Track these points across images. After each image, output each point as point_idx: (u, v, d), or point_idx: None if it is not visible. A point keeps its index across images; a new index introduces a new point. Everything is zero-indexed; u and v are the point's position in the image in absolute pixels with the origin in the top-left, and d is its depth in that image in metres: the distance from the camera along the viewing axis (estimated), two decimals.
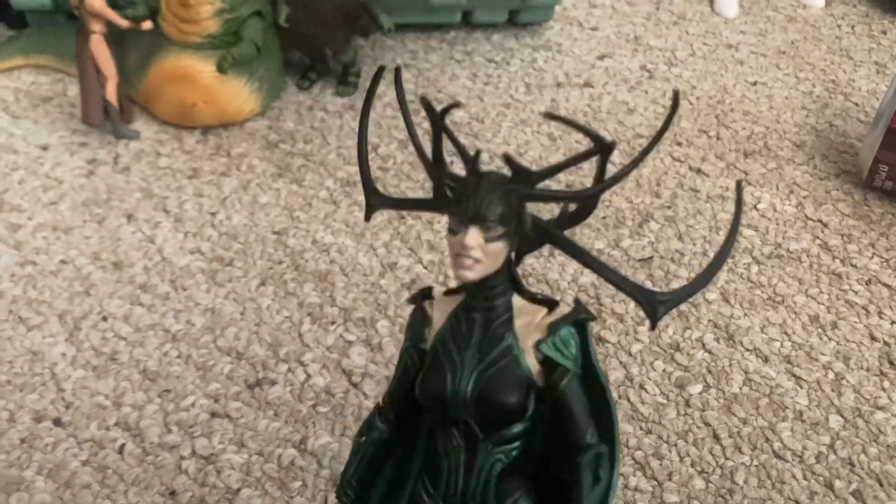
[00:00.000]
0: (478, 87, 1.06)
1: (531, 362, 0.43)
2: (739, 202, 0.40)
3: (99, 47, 0.90)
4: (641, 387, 0.74)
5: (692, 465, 0.68)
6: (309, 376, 0.73)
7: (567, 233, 0.43)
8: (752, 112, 1.04)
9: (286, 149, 0.96)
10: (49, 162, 0.93)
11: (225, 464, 0.67)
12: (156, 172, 0.92)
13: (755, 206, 0.91)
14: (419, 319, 0.46)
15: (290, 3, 0.97)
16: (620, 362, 0.75)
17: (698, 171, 0.96)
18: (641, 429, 0.71)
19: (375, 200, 0.46)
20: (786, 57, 1.14)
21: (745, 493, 0.67)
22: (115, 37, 0.92)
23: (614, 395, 0.72)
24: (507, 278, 0.43)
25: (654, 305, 0.40)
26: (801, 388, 0.74)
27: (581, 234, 0.87)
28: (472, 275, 0.41)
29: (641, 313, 0.79)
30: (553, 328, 0.43)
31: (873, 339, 0.78)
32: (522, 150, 0.97)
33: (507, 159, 0.41)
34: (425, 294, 0.46)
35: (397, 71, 0.45)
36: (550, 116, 0.42)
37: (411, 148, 0.96)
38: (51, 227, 0.85)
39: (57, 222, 0.86)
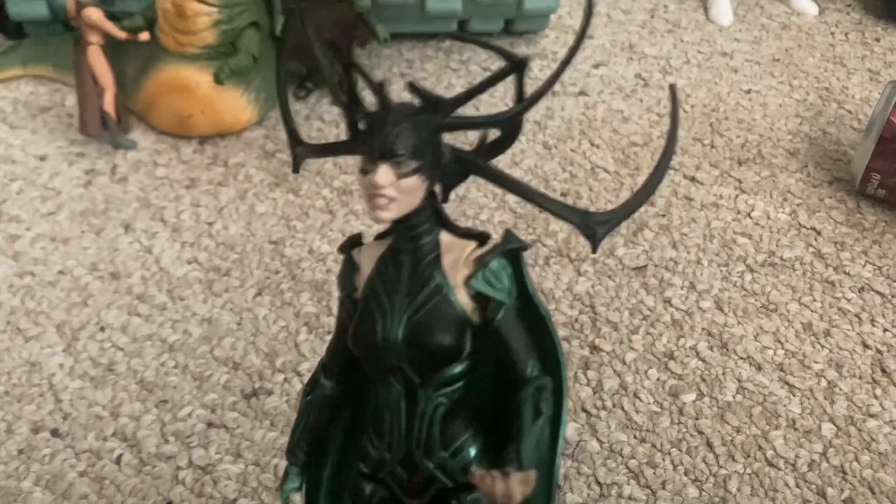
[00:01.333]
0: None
1: (463, 299, 0.42)
2: (675, 106, 0.39)
3: (96, 58, 0.91)
4: (636, 395, 0.74)
5: (686, 473, 0.69)
6: None
7: (561, 243, 0.43)
8: (747, 120, 1.05)
9: (283, 158, 0.96)
10: (47, 172, 0.93)
11: (221, 474, 0.67)
12: (153, 182, 0.93)
13: (749, 214, 0.92)
14: (348, 268, 0.44)
15: (286, 13, 0.98)
16: (615, 371, 0.76)
17: (692, 179, 0.96)
18: (635, 437, 0.71)
19: (300, 151, 0.45)
20: (780, 65, 1.15)
21: (739, 501, 0.67)
22: (113, 48, 0.93)
23: (608, 403, 0.73)
24: (432, 215, 0.42)
25: (593, 227, 0.39)
26: (794, 396, 0.75)
27: (576, 244, 0.87)
28: (388, 214, 0.39)
29: (636, 322, 0.79)
30: (482, 261, 0.41)
31: (866, 346, 0.79)
32: (518, 158, 0.97)
33: (413, 87, 0.39)
34: (355, 241, 0.45)
35: (301, 12, 0.45)
36: (454, 37, 0.42)
37: None
38: (49, 238, 0.86)
39: (55, 233, 0.87)
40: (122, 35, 0.91)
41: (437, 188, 0.42)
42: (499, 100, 1.02)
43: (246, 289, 0.82)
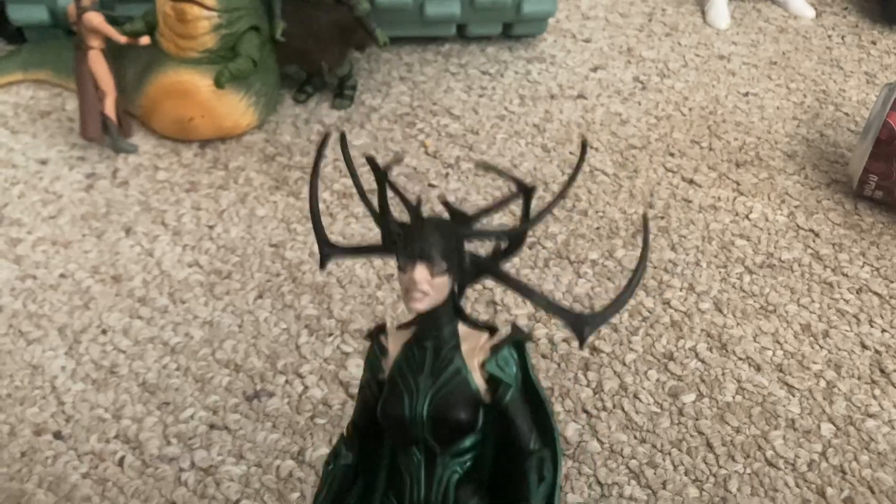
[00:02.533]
0: (472, 100, 1.07)
1: (478, 381, 0.48)
2: (646, 236, 0.45)
3: (97, 62, 0.91)
4: (635, 396, 0.74)
5: (686, 473, 0.69)
6: (307, 388, 0.74)
7: (560, 245, 0.46)
8: (744, 122, 1.05)
9: (283, 162, 0.97)
10: (48, 176, 0.94)
11: (224, 476, 0.67)
12: (154, 186, 0.93)
13: (747, 216, 0.92)
14: (376, 352, 0.51)
15: (287, 17, 0.98)
16: (615, 372, 0.76)
17: (691, 181, 0.97)
18: (636, 438, 0.71)
19: (329, 250, 0.50)
20: (777, 67, 1.15)
21: (739, 501, 0.67)
22: (114, 52, 0.93)
23: (609, 404, 0.73)
24: (452, 308, 0.48)
25: (580, 326, 0.45)
26: (794, 396, 0.75)
27: (575, 246, 0.88)
28: (422, 306, 0.46)
29: (635, 323, 0.80)
30: (495, 349, 0.48)
31: (864, 347, 0.79)
32: (517, 161, 0.98)
33: (446, 204, 0.46)
34: (381, 329, 0.51)
35: (343, 138, 0.51)
36: (484, 167, 0.49)
37: (406, 160, 0.97)
38: (50, 241, 0.86)
39: (56, 236, 0.87)
40: (122, 39, 0.91)
41: (456, 286, 0.48)
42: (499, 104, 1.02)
43: (247, 291, 0.82)
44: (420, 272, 0.45)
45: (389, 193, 0.47)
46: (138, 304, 0.81)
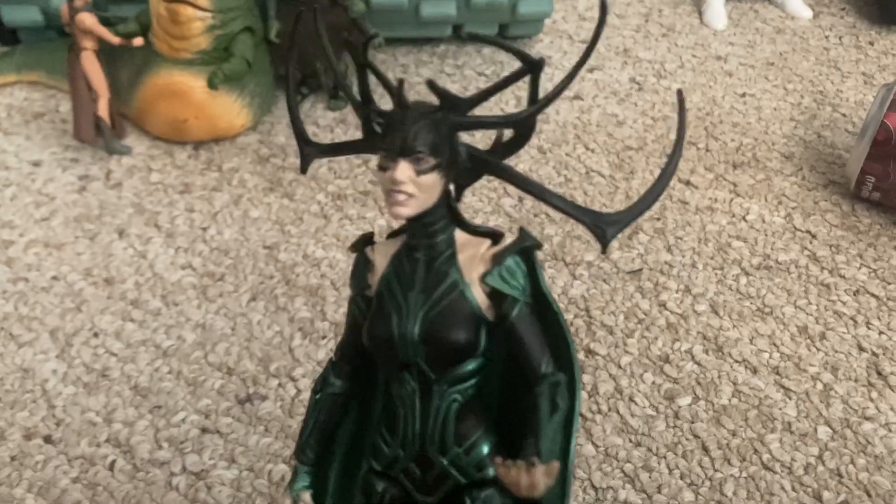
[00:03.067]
0: None
1: (478, 296, 0.42)
2: (682, 111, 0.40)
3: (90, 64, 0.91)
4: (631, 399, 0.74)
5: (681, 477, 0.69)
6: (300, 391, 0.73)
7: (556, 246, 0.43)
8: (741, 123, 1.05)
9: (277, 163, 0.96)
10: (41, 178, 0.93)
11: (215, 480, 0.67)
12: (147, 188, 0.92)
13: (744, 218, 0.92)
14: (362, 266, 0.45)
15: (281, 18, 0.98)
16: (610, 374, 0.76)
17: (687, 182, 0.96)
18: (631, 441, 0.71)
19: (309, 150, 0.45)
20: (774, 68, 1.15)
21: None
22: (107, 53, 0.93)
23: (604, 407, 0.73)
24: (447, 212, 0.42)
25: (603, 227, 0.40)
26: (790, 399, 0.74)
27: (571, 247, 0.87)
28: (407, 210, 0.40)
29: (631, 325, 0.79)
30: (497, 259, 0.42)
31: (861, 349, 0.79)
32: (512, 162, 0.97)
33: (432, 86, 0.40)
34: (367, 240, 0.45)
35: (314, 15, 0.45)
36: (472, 36, 0.42)
37: None
38: (42, 244, 0.86)
39: (49, 238, 0.86)
40: (116, 40, 0.91)
41: (452, 186, 0.42)
42: (504, 102, 1.02)
43: (240, 294, 0.81)
44: (403, 169, 0.39)
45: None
46: (131, 306, 0.80)
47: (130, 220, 0.89)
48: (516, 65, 0.42)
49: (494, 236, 0.44)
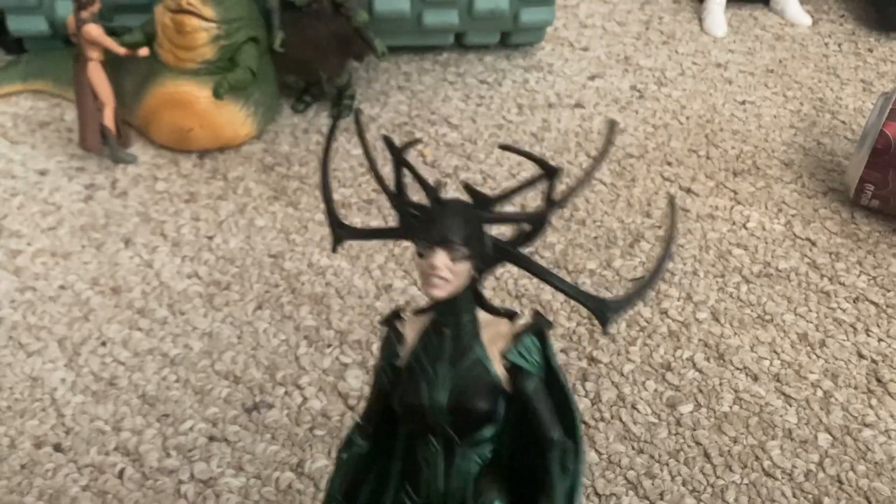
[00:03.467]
0: (470, 109, 1.07)
1: (499, 370, 0.47)
2: (674, 218, 0.46)
3: (96, 74, 0.92)
4: (633, 406, 0.75)
5: (683, 483, 0.70)
6: (306, 399, 0.74)
7: (558, 254, 0.46)
8: (741, 131, 1.06)
9: (282, 172, 0.97)
10: (47, 187, 0.94)
11: (223, 488, 0.68)
12: (153, 197, 0.93)
13: (744, 225, 0.93)
14: (392, 338, 0.49)
15: (285, 28, 0.99)
16: (612, 382, 0.77)
17: (688, 190, 0.97)
18: (633, 448, 0.72)
19: (341, 232, 0.49)
20: (774, 75, 1.16)
21: None
22: (113, 62, 0.93)
23: (607, 414, 0.74)
24: (472, 294, 0.47)
25: (604, 311, 0.45)
26: (791, 406, 0.75)
27: (573, 255, 0.88)
28: (441, 293, 0.45)
29: (633, 333, 0.80)
30: (517, 337, 0.47)
31: (861, 356, 0.80)
32: (515, 170, 0.98)
33: (467, 188, 0.45)
34: (397, 315, 0.50)
35: (357, 114, 0.50)
36: (505, 147, 0.48)
37: (404, 169, 0.97)
38: (49, 253, 0.87)
39: (55, 248, 0.87)
40: (121, 51, 0.92)
41: (476, 271, 0.47)
42: (495, 111, 1.03)
43: (246, 302, 0.82)
44: (440, 258, 0.43)
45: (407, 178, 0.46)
46: (137, 315, 0.81)
47: (136, 229, 0.89)
48: (517, 71, 0.46)
49: (510, 315, 0.49)
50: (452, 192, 0.95)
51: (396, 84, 1.11)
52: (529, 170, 0.99)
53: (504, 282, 0.85)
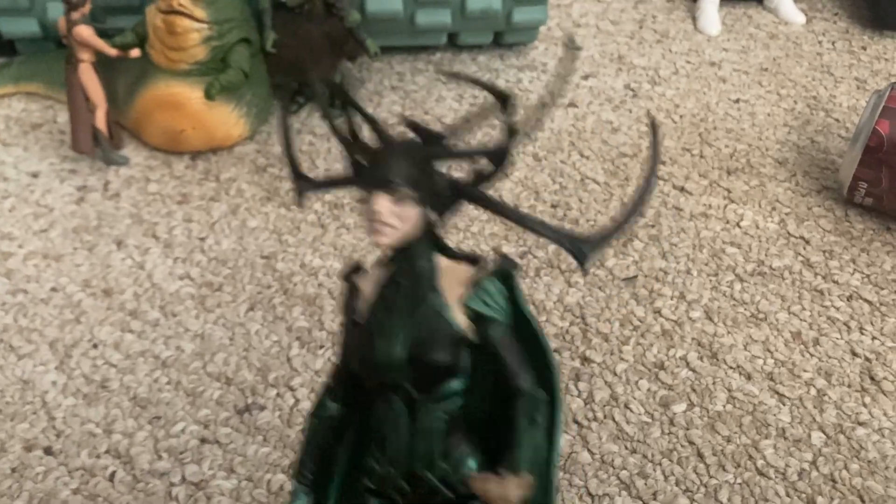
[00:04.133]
0: (464, 109, 1.07)
1: (460, 319, 0.44)
2: (655, 144, 0.43)
3: (88, 75, 0.92)
4: (626, 406, 0.75)
5: (677, 483, 0.69)
6: (298, 401, 0.74)
7: (552, 253, 0.45)
8: (735, 129, 1.06)
9: (275, 173, 0.97)
10: (39, 189, 0.94)
11: (215, 490, 0.67)
12: (145, 198, 0.93)
13: (738, 224, 0.93)
14: (350, 293, 0.47)
15: (278, 28, 0.98)
16: (605, 382, 0.76)
17: (682, 189, 0.97)
18: (626, 448, 0.72)
19: (303, 185, 0.47)
20: (768, 74, 1.15)
21: None
22: (104, 64, 0.93)
23: (599, 414, 0.73)
24: (428, 240, 0.44)
25: (581, 248, 0.43)
26: (784, 405, 0.75)
27: (566, 254, 0.88)
28: (387, 240, 0.42)
29: (626, 332, 0.80)
30: (477, 283, 0.44)
31: (854, 355, 0.80)
32: (508, 169, 0.98)
33: (411, 125, 0.42)
34: (355, 268, 0.47)
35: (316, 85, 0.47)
36: (448, 75, 0.45)
37: None
38: (41, 255, 0.86)
39: (47, 250, 0.87)
40: (112, 52, 0.92)
41: (434, 214, 0.44)
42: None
43: (238, 304, 0.82)
44: (382, 202, 0.41)
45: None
46: (129, 317, 0.81)
47: (128, 231, 0.89)
48: (511, 70, 0.44)
49: (474, 261, 0.46)
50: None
51: (390, 84, 1.11)
52: (523, 169, 0.99)
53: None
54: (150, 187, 0.94)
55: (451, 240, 0.87)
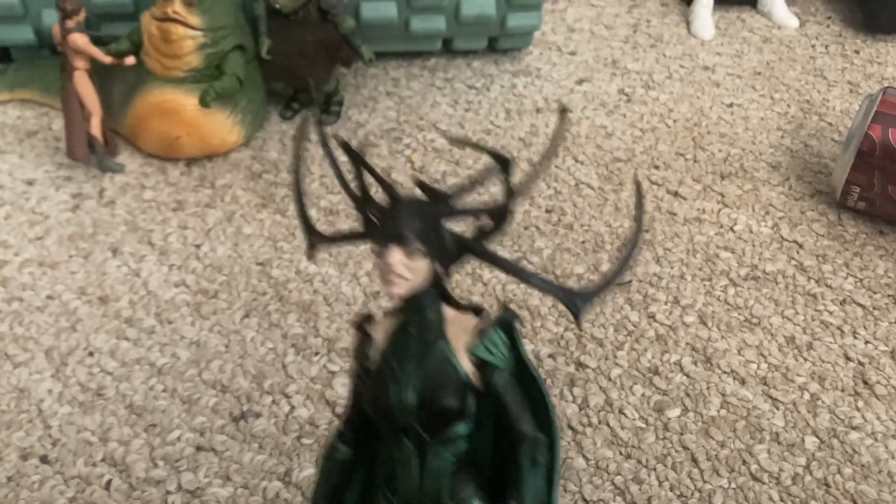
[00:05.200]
0: (459, 114, 1.07)
1: (466, 366, 0.47)
2: (640, 202, 0.46)
3: (83, 83, 0.92)
4: (621, 411, 0.75)
5: (671, 489, 0.70)
6: (293, 408, 0.74)
7: (546, 259, 0.46)
8: (729, 134, 1.06)
9: (270, 179, 0.97)
10: (35, 197, 0.94)
11: (210, 497, 0.68)
12: (141, 205, 0.93)
13: (732, 228, 0.93)
14: (363, 342, 0.50)
15: (273, 35, 0.99)
16: (600, 387, 0.77)
17: (675, 193, 0.97)
18: (621, 454, 0.72)
19: (315, 239, 0.50)
20: (761, 78, 1.16)
21: None
22: (99, 71, 0.93)
23: (594, 419, 0.74)
24: (436, 291, 0.47)
25: (574, 303, 0.45)
26: (778, 409, 0.75)
27: (561, 260, 0.88)
28: (400, 291, 0.45)
29: (620, 338, 0.80)
30: (482, 332, 0.47)
31: (848, 359, 0.80)
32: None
33: (420, 185, 0.45)
34: (367, 318, 0.50)
35: (319, 123, 0.51)
36: (453, 141, 0.49)
37: (393, 175, 0.97)
38: (37, 263, 0.86)
39: (43, 257, 0.87)
40: (107, 60, 0.92)
41: (440, 267, 0.47)
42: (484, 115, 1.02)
43: (233, 311, 0.82)
44: (395, 255, 0.44)
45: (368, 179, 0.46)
46: (125, 325, 0.81)
47: (124, 238, 0.89)
48: (505, 76, 0.45)
49: (477, 311, 0.49)
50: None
51: (384, 90, 1.11)
52: (518, 175, 0.99)
53: (492, 287, 0.85)
54: (145, 194, 0.94)
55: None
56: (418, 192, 0.46)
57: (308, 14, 0.98)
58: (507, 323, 0.48)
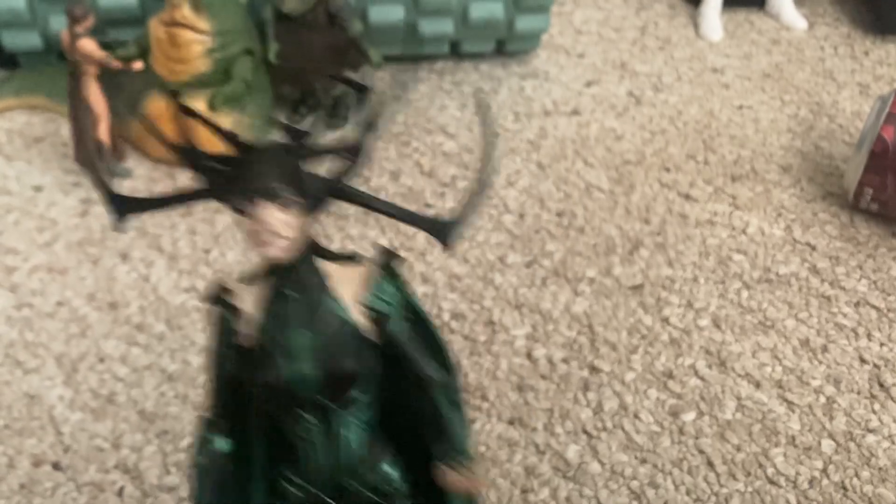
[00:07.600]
0: (467, 118, 1.07)
1: (359, 318, 0.43)
2: (484, 114, 0.43)
3: (90, 88, 0.91)
4: (636, 416, 0.74)
5: (687, 493, 0.69)
6: None
7: (557, 263, 0.45)
8: (739, 136, 1.06)
9: None
10: (43, 202, 0.93)
11: None
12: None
13: (744, 231, 0.92)
14: (226, 316, 0.44)
15: (280, 39, 0.98)
16: (614, 391, 0.76)
17: (687, 196, 0.97)
18: (636, 458, 0.71)
19: (122, 205, 0.42)
20: (770, 80, 1.15)
21: None
22: (107, 76, 0.93)
23: (609, 424, 0.73)
24: (307, 244, 0.42)
25: (443, 232, 0.42)
26: (793, 412, 0.75)
27: (572, 263, 0.87)
28: (279, 252, 0.39)
29: (634, 341, 0.80)
30: (371, 281, 0.43)
31: (863, 361, 0.79)
32: (513, 178, 0.98)
33: (276, 122, 0.41)
34: (222, 289, 0.44)
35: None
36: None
37: (402, 179, 0.97)
38: (46, 269, 0.86)
39: (52, 263, 0.87)
40: (115, 65, 0.91)
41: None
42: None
43: None
44: (271, 212, 0.38)
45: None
46: (135, 330, 0.80)
47: (133, 244, 0.89)
48: (513, 79, 0.44)
49: (353, 259, 0.45)
50: (451, 200, 0.95)
51: (392, 94, 1.11)
52: (527, 178, 0.98)
53: (503, 291, 0.84)
54: None
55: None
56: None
57: (316, 18, 0.98)
58: (390, 266, 0.44)
